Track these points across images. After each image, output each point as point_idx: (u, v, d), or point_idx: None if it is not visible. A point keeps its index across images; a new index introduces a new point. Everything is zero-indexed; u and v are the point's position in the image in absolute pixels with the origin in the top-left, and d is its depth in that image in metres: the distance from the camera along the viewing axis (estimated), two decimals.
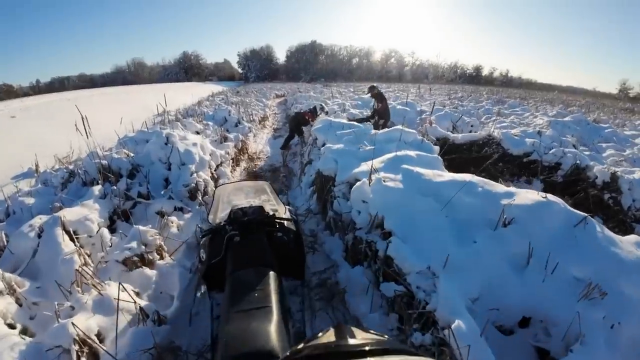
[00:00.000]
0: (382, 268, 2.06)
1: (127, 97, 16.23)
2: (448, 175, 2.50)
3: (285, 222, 1.72)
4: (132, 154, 3.95)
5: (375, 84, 7.22)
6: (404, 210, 2.22)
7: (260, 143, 8.31)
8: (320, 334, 0.55)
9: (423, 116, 7.46)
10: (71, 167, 4.27)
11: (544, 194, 2.11)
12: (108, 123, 5.70)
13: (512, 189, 2.29)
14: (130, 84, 38.00)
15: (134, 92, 20.38)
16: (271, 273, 1.29)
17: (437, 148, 3.77)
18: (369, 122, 5.43)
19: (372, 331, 0.57)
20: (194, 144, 4.29)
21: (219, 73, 65.50)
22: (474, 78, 64.72)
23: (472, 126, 7.17)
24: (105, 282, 2.06)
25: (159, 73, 61.49)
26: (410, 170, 2.52)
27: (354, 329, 0.55)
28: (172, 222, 3.13)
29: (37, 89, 52.69)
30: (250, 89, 27.49)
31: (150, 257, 2.54)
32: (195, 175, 3.83)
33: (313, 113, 7.04)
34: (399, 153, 3.03)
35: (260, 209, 1.72)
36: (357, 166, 3.08)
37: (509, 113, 11.45)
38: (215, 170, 4.63)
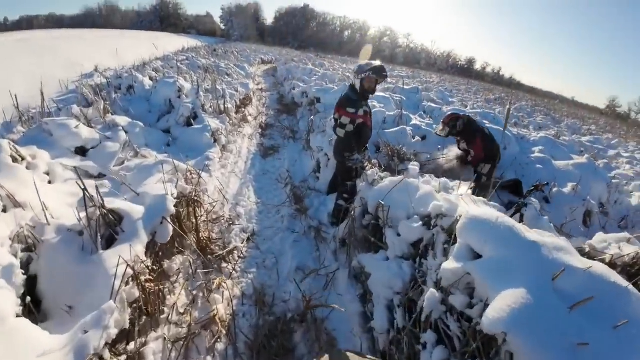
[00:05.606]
0: None
1: (60, 45, 12.72)
2: None
3: None
4: None
5: (461, 113, 3.69)
6: None
7: (236, 172, 4.06)
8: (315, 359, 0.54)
9: (537, 153, 4.22)
10: None
11: None
12: None
13: None
14: (100, 28, 32.72)
15: (75, 37, 16.77)
16: None
17: None
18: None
19: (368, 356, 0.55)
20: None
21: (198, 26, 58.85)
22: (465, 70, 63.29)
23: None
24: None
25: (132, 20, 54.42)
26: None
27: (350, 354, 0.51)
28: None
29: (3, 27, 49.16)
30: (231, 47, 23.98)
31: None
32: None
33: (351, 103, 2.86)
34: None
35: None
36: None
37: (590, 146, 8.35)
38: None
